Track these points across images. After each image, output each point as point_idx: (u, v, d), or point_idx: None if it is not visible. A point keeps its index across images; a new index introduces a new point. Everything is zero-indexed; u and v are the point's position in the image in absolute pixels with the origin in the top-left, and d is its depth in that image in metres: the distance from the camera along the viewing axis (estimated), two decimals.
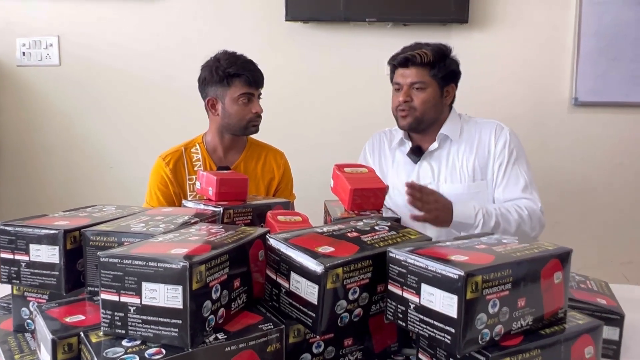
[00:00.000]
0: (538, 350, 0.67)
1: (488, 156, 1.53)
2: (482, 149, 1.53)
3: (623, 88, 2.25)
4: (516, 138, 1.55)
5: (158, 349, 0.63)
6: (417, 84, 1.49)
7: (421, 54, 1.48)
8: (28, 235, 0.81)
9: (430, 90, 1.50)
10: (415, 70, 1.49)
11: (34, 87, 2.45)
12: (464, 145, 1.54)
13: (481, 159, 1.52)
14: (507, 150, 1.52)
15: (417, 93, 1.50)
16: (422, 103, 1.49)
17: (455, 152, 1.55)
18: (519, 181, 1.50)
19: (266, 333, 0.70)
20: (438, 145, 1.55)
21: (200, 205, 1.02)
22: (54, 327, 0.69)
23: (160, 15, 2.37)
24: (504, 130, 1.55)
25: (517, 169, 1.51)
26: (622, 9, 2.21)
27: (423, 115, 1.51)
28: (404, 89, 1.51)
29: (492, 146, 1.53)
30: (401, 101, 1.50)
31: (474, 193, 1.51)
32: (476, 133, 1.56)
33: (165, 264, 0.63)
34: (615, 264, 2.40)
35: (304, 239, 0.76)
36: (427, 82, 1.49)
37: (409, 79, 1.50)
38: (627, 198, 2.36)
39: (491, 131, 1.55)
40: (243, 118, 1.60)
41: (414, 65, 1.49)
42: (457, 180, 1.53)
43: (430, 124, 1.54)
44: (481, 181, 1.52)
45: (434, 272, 0.65)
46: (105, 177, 2.48)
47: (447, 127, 1.55)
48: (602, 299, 0.93)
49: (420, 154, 1.56)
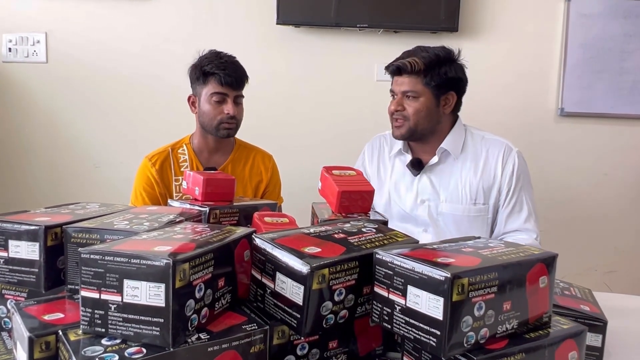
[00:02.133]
0: (522, 354, 0.67)
1: (493, 181, 1.49)
2: (487, 172, 1.49)
3: (608, 100, 2.29)
4: (524, 162, 1.52)
5: (138, 348, 0.61)
6: (409, 92, 1.46)
7: (412, 63, 1.44)
8: (7, 231, 0.79)
9: (423, 99, 1.45)
10: (407, 79, 1.45)
11: (19, 84, 2.41)
12: (468, 163, 1.50)
13: (486, 182, 1.49)
14: (515, 177, 1.48)
15: (410, 102, 1.46)
16: (415, 112, 1.45)
17: (458, 170, 1.50)
18: (522, 210, 1.48)
19: (250, 334, 0.68)
20: (438, 160, 1.51)
21: (186, 205, 1.01)
22: (31, 324, 0.67)
23: (150, 16, 2.35)
24: (512, 153, 1.50)
25: (522, 197, 1.48)
26: (609, 22, 2.25)
27: (416, 126, 1.47)
28: (397, 98, 1.48)
29: (499, 171, 1.49)
30: (392, 110, 1.48)
31: (473, 217, 1.49)
32: (482, 151, 1.51)
33: (148, 261, 0.62)
34: (598, 273, 2.43)
35: (290, 239, 0.75)
36: (419, 90, 1.45)
37: (402, 87, 1.47)
38: (611, 208, 2.39)
39: (499, 153, 1.50)
40: (214, 118, 1.57)
41: (405, 73, 1.46)
42: (458, 201, 1.49)
43: (425, 134, 1.49)
44: (482, 205, 1.49)
45: (420, 273, 0.65)
46: (91, 176, 2.45)
47: (449, 140, 1.51)
48: (586, 306, 0.93)
49: (420, 168, 1.52)
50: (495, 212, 1.52)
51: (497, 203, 1.50)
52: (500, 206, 1.50)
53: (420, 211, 1.52)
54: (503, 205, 1.50)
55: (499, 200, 1.50)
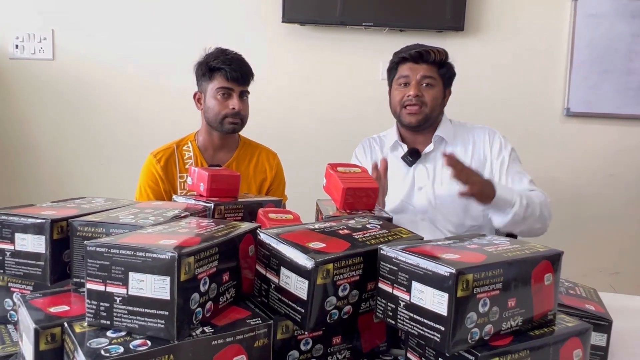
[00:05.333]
0: (527, 351, 0.67)
1: (485, 160, 1.52)
2: (477, 153, 1.53)
3: (614, 100, 2.28)
4: (509, 141, 1.56)
5: (143, 340, 0.62)
6: (427, 78, 1.47)
7: (435, 51, 1.47)
8: (14, 224, 0.79)
9: (438, 89, 1.50)
10: (426, 66, 1.48)
11: (26, 81, 2.43)
12: (459, 148, 1.54)
13: (477, 162, 1.52)
14: (506, 151, 1.52)
15: (427, 89, 1.48)
16: (433, 99, 1.48)
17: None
18: (523, 179, 1.49)
19: (254, 328, 0.69)
20: (433, 147, 1.54)
21: (190, 201, 1.01)
22: (37, 316, 0.67)
23: (156, 14, 2.36)
24: (496, 134, 1.56)
25: (517, 168, 1.51)
26: (616, 22, 2.24)
27: (432, 113, 1.49)
28: (413, 83, 1.48)
29: (488, 150, 1.53)
30: (412, 94, 1.46)
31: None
32: (469, 137, 1.56)
33: (154, 254, 0.62)
34: (603, 275, 2.41)
35: (295, 235, 0.75)
36: (437, 79, 1.49)
37: (421, 72, 1.47)
38: (616, 209, 2.38)
39: (484, 135, 1.55)
40: (219, 113, 1.58)
41: (424, 61, 1.48)
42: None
43: (432, 123, 1.53)
44: None
45: (425, 269, 0.65)
46: (96, 172, 2.46)
47: (442, 129, 1.55)
48: (591, 305, 0.93)
49: (418, 157, 1.54)
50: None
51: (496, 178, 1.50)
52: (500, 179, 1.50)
53: (417, 198, 1.55)
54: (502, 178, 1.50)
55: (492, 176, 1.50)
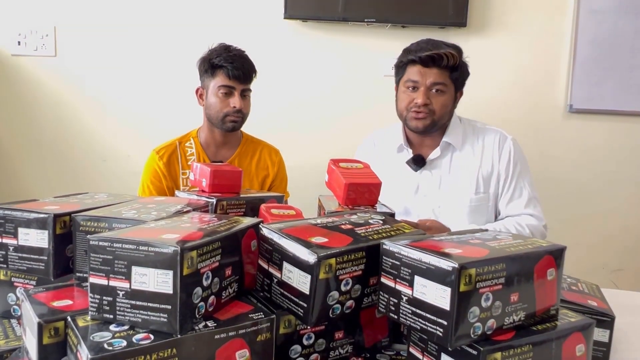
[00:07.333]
0: (530, 346, 0.67)
1: (492, 169, 1.48)
2: (486, 160, 1.48)
3: (618, 96, 2.27)
4: (520, 148, 1.51)
5: (146, 334, 0.62)
6: (438, 85, 1.40)
7: (448, 56, 1.38)
8: (17, 219, 0.79)
9: (448, 95, 1.43)
10: (437, 71, 1.40)
11: (28, 77, 2.43)
12: (468, 154, 1.49)
13: (485, 170, 1.48)
14: (512, 163, 1.47)
15: (436, 95, 1.41)
16: (442, 107, 1.41)
17: (457, 161, 1.49)
18: (523, 196, 1.46)
19: (256, 322, 0.69)
20: (440, 154, 1.50)
21: (193, 196, 1.01)
22: (40, 310, 0.67)
23: (157, 10, 2.36)
24: (507, 140, 1.50)
25: (521, 183, 1.47)
26: (619, 18, 2.23)
27: (440, 120, 1.44)
28: (422, 90, 1.40)
29: (496, 158, 1.48)
30: (420, 103, 1.40)
31: (474, 207, 1.47)
32: (479, 140, 1.50)
33: (156, 249, 0.62)
34: (605, 271, 2.41)
35: (297, 229, 0.75)
36: (448, 85, 1.41)
37: (430, 78, 1.40)
38: (619, 206, 2.37)
39: (494, 141, 1.49)
40: (220, 111, 1.58)
41: (436, 66, 1.39)
42: (459, 193, 1.47)
43: (439, 128, 1.48)
44: (483, 194, 1.48)
45: (427, 264, 0.64)
46: (99, 169, 2.46)
47: (451, 134, 1.49)
48: (593, 301, 0.93)
49: (422, 164, 1.50)
50: (495, 201, 1.51)
51: (497, 191, 1.49)
52: (500, 194, 1.49)
53: (421, 205, 1.52)
54: (502, 193, 1.49)
55: (498, 188, 1.49)
